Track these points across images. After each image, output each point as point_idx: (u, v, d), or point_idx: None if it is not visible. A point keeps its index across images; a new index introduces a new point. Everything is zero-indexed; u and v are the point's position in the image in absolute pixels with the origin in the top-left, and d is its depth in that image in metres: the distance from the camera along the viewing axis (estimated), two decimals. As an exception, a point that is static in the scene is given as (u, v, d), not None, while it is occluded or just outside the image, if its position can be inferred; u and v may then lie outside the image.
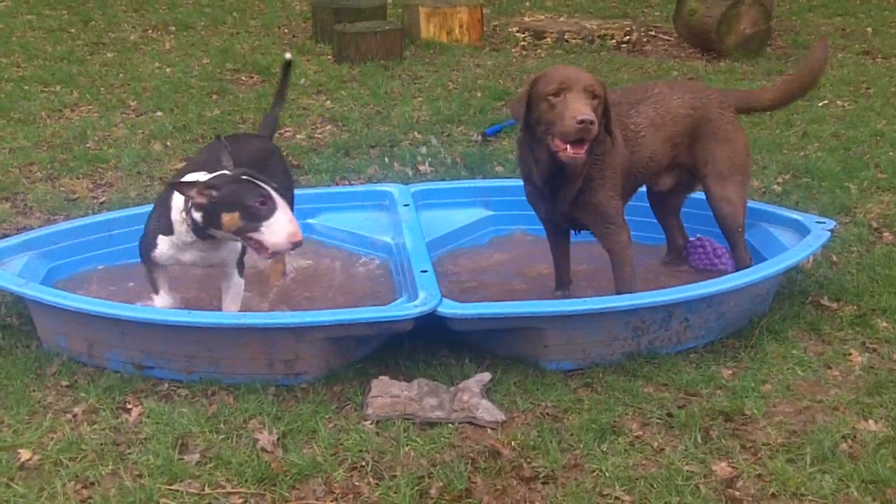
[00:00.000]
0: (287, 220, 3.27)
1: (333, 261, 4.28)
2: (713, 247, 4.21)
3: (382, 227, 4.36)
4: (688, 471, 2.90)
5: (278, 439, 3.04)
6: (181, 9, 10.69)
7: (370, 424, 3.13)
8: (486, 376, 3.33)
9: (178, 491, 2.81)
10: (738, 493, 2.82)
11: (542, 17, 10.18)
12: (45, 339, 3.60)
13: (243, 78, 7.78)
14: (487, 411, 3.16)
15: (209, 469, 2.90)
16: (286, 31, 9.77)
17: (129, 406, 3.24)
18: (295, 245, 3.31)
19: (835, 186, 5.21)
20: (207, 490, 2.82)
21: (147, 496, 2.78)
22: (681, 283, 3.75)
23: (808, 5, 11.23)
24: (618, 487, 2.83)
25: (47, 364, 3.48)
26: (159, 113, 6.67)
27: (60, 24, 9.77)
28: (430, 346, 3.55)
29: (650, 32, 9.76)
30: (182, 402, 3.26)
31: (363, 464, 2.93)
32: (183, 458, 2.95)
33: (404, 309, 3.33)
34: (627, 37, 9.17)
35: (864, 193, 5.16)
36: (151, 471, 2.88)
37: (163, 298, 3.63)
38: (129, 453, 2.99)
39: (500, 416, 3.16)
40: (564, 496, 2.81)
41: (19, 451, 2.98)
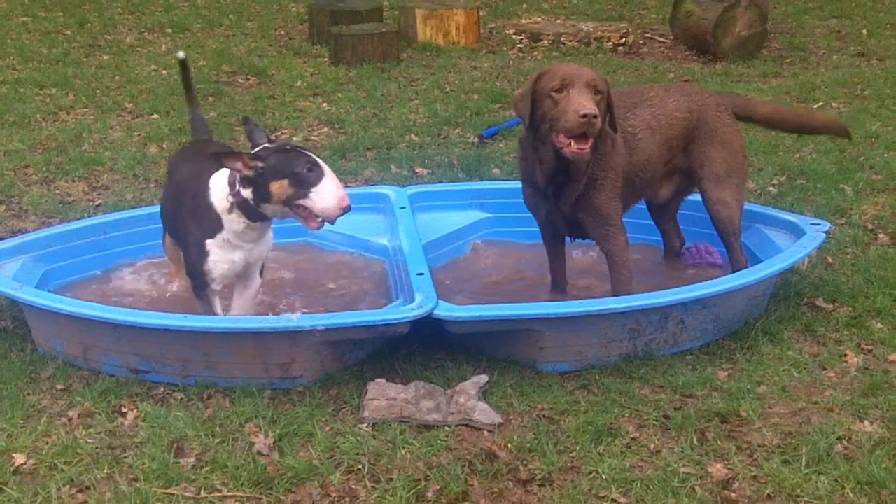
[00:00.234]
0: (336, 185, 3.26)
1: (330, 263, 4.28)
2: (705, 246, 4.24)
3: (379, 229, 4.36)
4: (684, 472, 2.90)
5: (274, 443, 3.03)
6: (177, 11, 10.68)
7: (366, 427, 3.12)
8: (483, 379, 3.33)
9: (173, 495, 2.81)
10: (734, 495, 2.82)
11: (539, 19, 10.19)
12: (40, 342, 3.59)
13: (240, 80, 7.78)
14: (484, 414, 3.16)
15: (205, 473, 2.90)
16: (282, 33, 9.77)
17: (124, 410, 3.23)
18: (344, 210, 3.29)
19: (830, 188, 5.22)
20: (203, 494, 2.81)
21: (142, 500, 2.77)
22: (677, 285, 3.76)
23: (803, 7, 11.25)
24: (614, 489, 2.83)
25: (42, 368, 3.48)
26: (155, 115, 6.67)
27: (56, 27, 9.76)
28: (426, 348, 3.55)
29: (646, 35, 9.77)
30: (178, 405, 3.26)
31: (360, 467, 2.93)
32: (179, 462, 2.94)
33: (400, 312, 3.33)
34: (624, 39, 9.18)
35: (860, 195, 5.17)
36: (147, 475, 2.88)
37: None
38: (125, 457, 2.98)
39: (497, 419, 3.16)
40: (561, 498, 2.81)
41: (14, 455, 2.98)
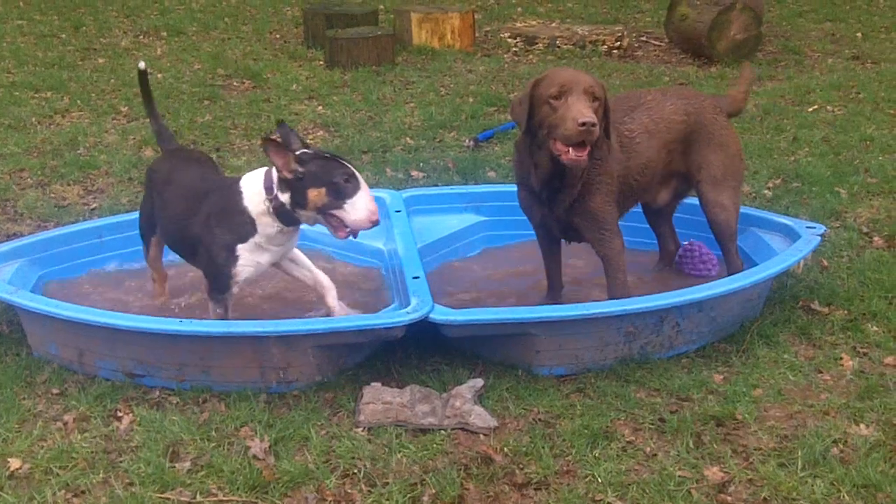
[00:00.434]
0: (369, 199, 3.29)
1: (325, 267, 4.27)
2: (701, 252, 4.22)
3: (374, 232, 4.34)
4: (680, 476, 2.90)
5: (270, 447, 3.03)
6: (173, 14, 10.69)
7: (362, 431, 3.12)
8: (479, 382, 3.33)
9: (169, 499, 2.80)
10: (729, 498, 2.82)
11: (534, 22, 10.21)
12: (35, 346, 3.58)
13: (235, 84, 7.78)
14: (480, 417, 3.16)
15: (201, 477, 2.89)
16: (278, 36, 9.77)
17: (120, 414, 3.22)
18: (373, 224, 3.32)
19: (825, 191, 5.22)
20: (199, 498, 2.81)
21: (138, 504, 2.77)
22: (672, 289, 3.76)
23: (798, 11, 11.28)
24: (610, 493, 2.83)
25: (38, 372, 3.47)
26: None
27: (51, 30, 9.76)
28: (422, 352, 3.55)
29: (641, 38, 9.79)
30: (173, 409, 3.25)
31: (355, 471, 2.93)
32: (174, 466, 2.94)
33: (396, 316, 3.33)
34: (619, 42, 9.20)
35: (855, 198, 5.18)
36: (143, 479, 2.87)
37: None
38: (121, 461, 2.97)
39: (493, 423, 3.15)
40: (557, 502, 2.80)
41: (9, 459, 2.97)
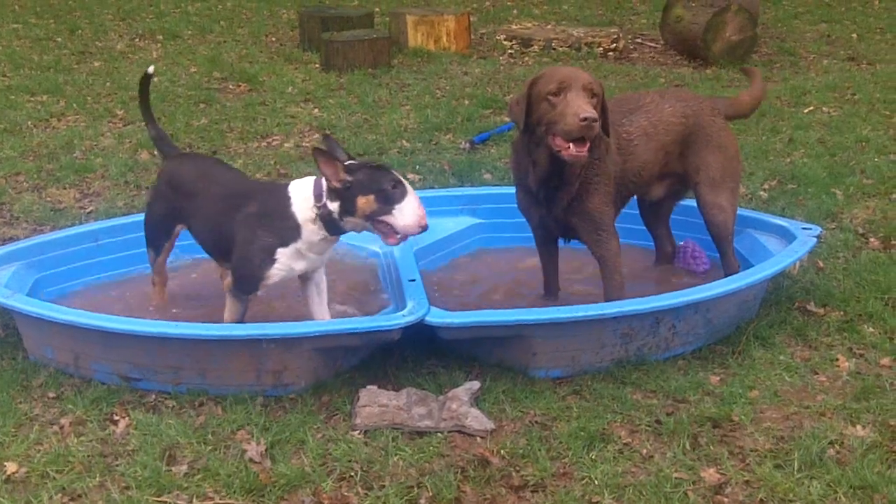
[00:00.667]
0: (417, 205, 3.33)
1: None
2: (694, 249, 4.23)
3: (370, 235, 4.33)
4: (676, 478, 2.90)
5: (266, 450, 3.02)
6: (168, 18, 10.68)
7: (359, 434, 3.12)
8: (475, 385, 3.33)
9: (166, 503, 2.80)
10: (726, 500, 2.82)
11: (530, 24, 10.21)
12: (31, 350, 3.58)
13: (231, 87, 7.78)
14: (476, 420, 3.16)
15: (197, 480, 2.89)
16: (273, 39, 9.78)
17: (116, 418, 3.22)
18: (423, 229, 3.35)
19: (821, 192, 5.23)
20: (195, 501, 2.81)
21: (135, 508, 2.77)
22: (669, 290, 3.76)
23: (793, 12, 11.31)
24: (607, 495, 2.83)
25: (34, 376, 3.46)
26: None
27: (47, 33, 9.75)
28: (418, 355, 3.55)
29: (637, 40, 9.80)
30: (169, 413, 3.25)
31: (352, 474, 2.92)
32: (171, 470, 2.93)
33: (392, 319, 3.33)
34: (614, 44, 9.21)
35: (850, 199, 5.18)
36: (139, 483, 2.87)
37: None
38: (117, 465, 2.97)
39: (489, 425, 3.15)
40: (553, 504, 2.81)
41: (5, 463, 2.96)
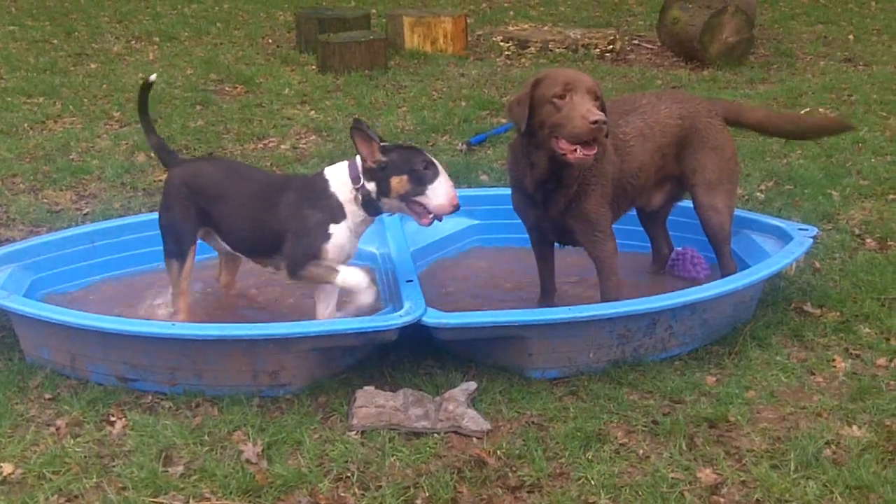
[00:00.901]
0: (449, 185, 3.41)
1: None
2: (693, 255, 4.23)
3: (367, 236, 4.34)
4: (673, 478, 2.90)
5: (263, 451, 3.02)
6: (165, 19, 10.68)
7: (355, 435, 3.12)
8: (472, 385, 3.33)
9: (162, 503, 2.80)
10: (722, 500, 2.83)
11: (526, 26, 10.22)
12: (28, 351, 3.57)
13: (227, 88, 7.78)
14: (473, 420, 3.16)
15: (193, 481, 2.89)
16: (270, 41, 9.78)
17: (112, 419, 3.22)
18: (455, 209, 3.44)
19: (817, 193, 5.24)
20: (192, 502, 2.80)
21: (131, 509, 2.77)
22: (665, 291, 3.76)
23: (790, 13, 11.32)
24: (603, 495, 2.83)
25: (30, 377, 3.46)
26: (143, 124, 6.65)
27: (43, 35, 9.75)
28: (415, 355, 3.55)
29: (634, 41, 9.81)
30: (166, 414, 3.25)
31: (348, 475, 2.92)
32: (167, 471, 2.93)
33: (389, 319, 3.33)
34: (611, 45, 9.22)
35: (847, 200, 5.19)
36: (136, 483, 2.87)
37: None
38: (113, 466, 2.97)
39: (486, 426, 3.15)
40: (550, 505, 2.81)
41: (2, 464, 2.96)
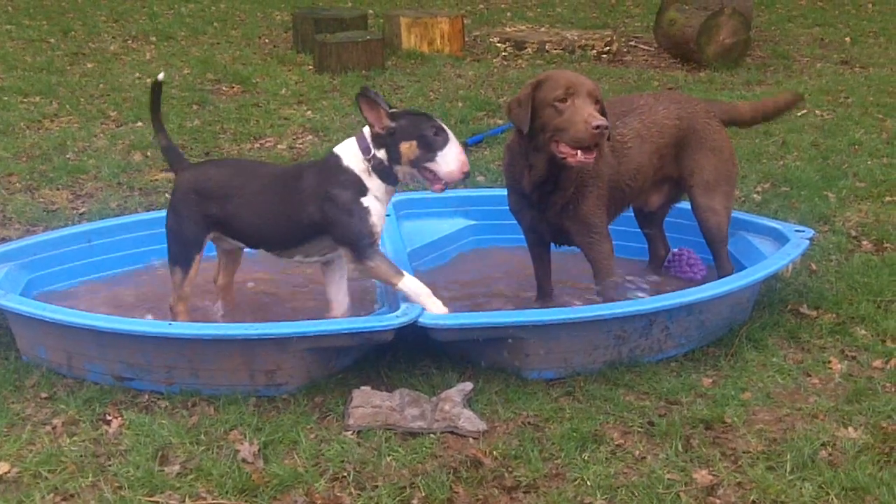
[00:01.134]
0: (460, 150, 3.40)
1: (315, 271, 4.27)
2: (689, 256, 4.24)
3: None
4: (668, 479, 2.91)
5: (259, 450, 3.02)
6: (161, 19, 10.68)
7: (351, 435, 3.12)
8: (468, 386, 3.33)
9: (158, 502, 2.80)
10: (718, 501, 2.83)
11: (523, 27, 10.23)
12: (24, 350, 3.57)
13: (224, 88, 7.78)
14: (469, 421, 3.16)
15: (190, 480, 2.89)
16: (267, 41, 9.78)
17: (109, 418, 3.21)
18: (465, 175, 3.42)
19: (814, 195, 5.25)
20: (188, 502, 2.80)
21: (127, 508, 2.77)
22: (661, 292, 3.77)
23: (787, 15, 11.35)
24: (599, 496, 2.83)
25: (26, 376, 3.45)
26: (139, 123, 6.65)
27: (40, 35, 9.74)
28: (411, 355, 3.55)
29: (630, 43, 9.83)
30: (162, 413, 3.24)
31: (344, 474, 2.92)
32: (163, 470, 2.93)
33: (386, 319, 3.33)
34: (608, 47, 9.23)
35: (843, 202, 5.20)
36: (132, 483, 2.86)
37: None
38: (110, 465, 2.97)
39: (482, 426, 3.16)
40: (546, 505, 2.81)
41: (-3, 463, 2.97)
